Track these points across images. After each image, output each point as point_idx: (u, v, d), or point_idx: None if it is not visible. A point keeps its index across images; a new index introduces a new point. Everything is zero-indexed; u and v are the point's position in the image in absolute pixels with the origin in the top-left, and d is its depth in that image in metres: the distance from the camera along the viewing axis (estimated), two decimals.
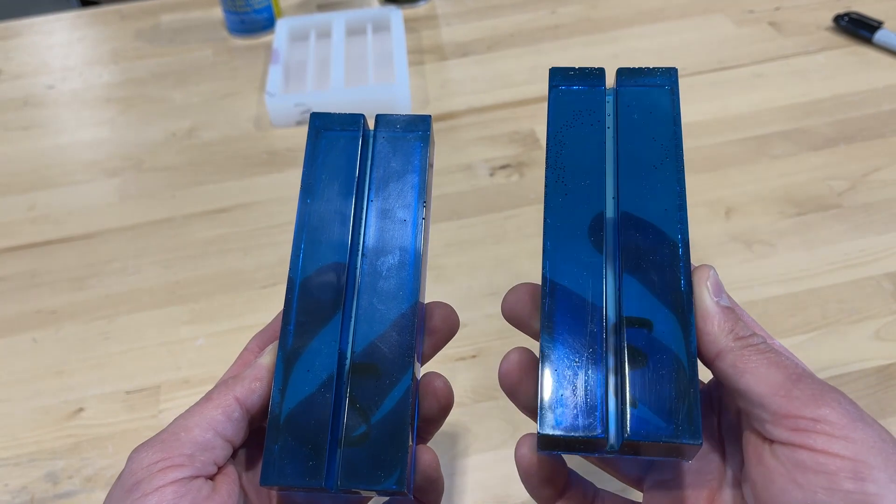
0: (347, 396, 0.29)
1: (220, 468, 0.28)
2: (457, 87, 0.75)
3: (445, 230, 0.60)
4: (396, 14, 0.81)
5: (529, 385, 0.30)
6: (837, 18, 0.77)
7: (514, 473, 0.31)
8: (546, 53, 0.79)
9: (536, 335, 0.29)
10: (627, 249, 0.29)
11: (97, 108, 0.77)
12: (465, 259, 0.57)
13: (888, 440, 0.24)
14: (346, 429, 0.28)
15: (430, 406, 0.31)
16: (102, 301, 0.57)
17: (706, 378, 0.31)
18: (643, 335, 0.27)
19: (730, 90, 0.71)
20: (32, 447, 0.48)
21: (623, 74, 0.33)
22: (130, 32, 0.89)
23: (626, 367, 0.27)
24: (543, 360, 0.27)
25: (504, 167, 0.65)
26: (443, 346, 0.33)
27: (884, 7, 0.79)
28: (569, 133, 0.31)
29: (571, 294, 0.28)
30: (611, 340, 0.28)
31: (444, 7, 0.88)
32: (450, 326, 0.32)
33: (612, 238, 0.30)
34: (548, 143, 0.31)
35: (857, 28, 0.75)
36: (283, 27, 0.81)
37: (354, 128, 0.33)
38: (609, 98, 0.32)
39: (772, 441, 0.25)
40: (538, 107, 0.72)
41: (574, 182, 0.30)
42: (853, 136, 0.65)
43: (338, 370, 0.29)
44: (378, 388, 0.29)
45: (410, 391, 0.29)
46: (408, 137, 0.33)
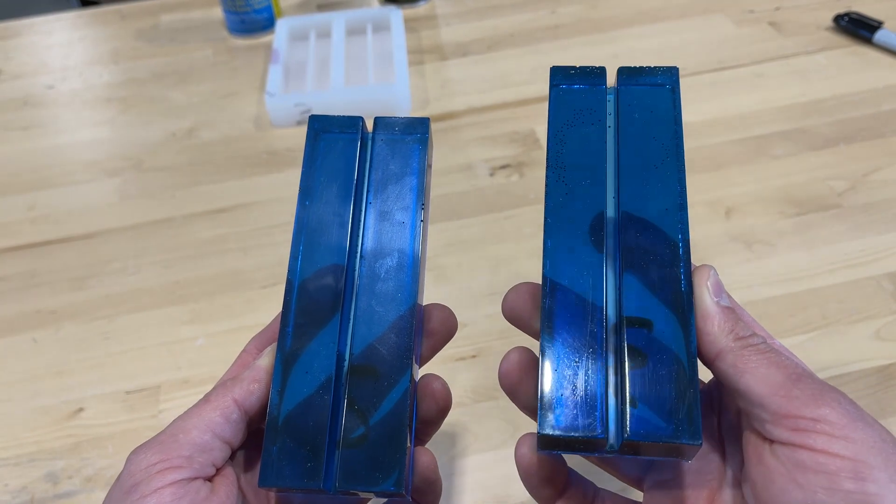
0: (346, 398, 0.29)
1: (219, 470, 0.28)
2: (457, 87, 0.75)
3: (445, 230, 0.60)
4: (396, 14, 0.81)
5: (530, 385, 0.30)
6: (837, 18, 0.77)
7: (514, 473, 0.31)
8: (546, 53, 0.79)
9: (537, 335, 0.29)
10: (628, 249, 0.29)
11: (97, 108, 0.77)
12: (465, 259, 0.57)
13: (888, 440, 0.24)
14: (345, 430, 0.28)
15: (429, 408, 0.31)
16: (102, 301, 0.57)
17: (706, 378, 0.31)
18: (643, 335, 0.27)
19: (730, 90, 0.71)
20: (32, 447, 0.48)
21: (624, 73, 0.32)
22: (130, 32, 0.89)
23: (626, 367, 0.27)
24: (543, 360, 0.27)
25: (504, 167, 0.65)
26: (441, 348, 0.33)
27: (884, 7, 0.79)
28: (569, 132, 0.31)
29: (572, 294, 0.28)
30: (611, 340, 0.28)
31: (444, 7, 0.88)
32: (448, 328, 0.32)
33: (613, 238, 0.30)
34: (548, 143, 0.31)
35: (857, 28, 0.75)
36: (283, 27, 0.81)
37: (353, 130, 0.33)
38: (610, 97, 0.32)
39: (772, 441, 0.25)
40: (538, 107, 0.72)
41: (575, 181, 0.30)
42: (853, 136, 0.65)
43: (336, 372, 0.29)
44: (376, 390, 0.29)
45: (408, 393, 0.29)
46: (406, 140, 0.33)
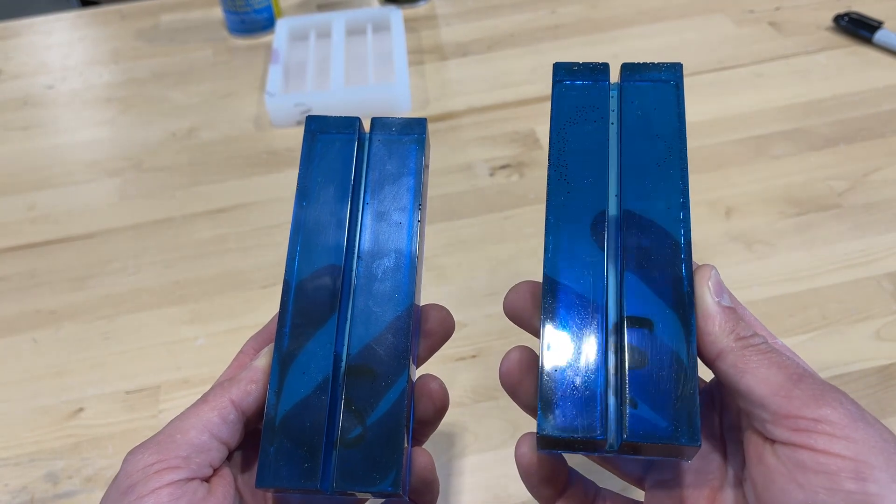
0: (343, 398, 0.29)
1: (216, 470, 0.28)
2: (457, 87, 0.75)
3: (445, 230, 0.60)
4: (396, 14, 0.81)
5: (530, 384, 0.30)
6: (837, 18, 0.77)
7: (514, 473, 0.31)
8: (546, 53, 0.79)
9: (538, 333, 0.28)
10: (629, 248, 0.29)
11: (97, 108, 0.77)
12: (465, 259, 0.57)
13: (890, 440, 0.24)
14: (342, 431, 0.28)
15: (426, 408, 0.31)
16: (102, 301, 0.57)
17: (707, 377, 0.31)
18: (644, 335, 0.27)
19: (730, 90, 0.71)
20: (32, 447, 0.48)
21: (627, 69, 0.32)
22: (130, 32, 0.89)
23: (627, 367, 0.27)
24: (543, 359, 0.27)
25: (504, 167, 0.65)
26: (438, 349, 0.33)
27: (884, 7, 0.79)
28: (572, 130, 0.31)
29: (572, 292, 0.28)
30: (611, 339, 0.28)
31: (444, 7, 0.88)
32: (445, 329, 0.32)
33: (615, 236, 0.29)
34: (550, 140, 0.31)
35: (857, 28, 0.75)
36: (283, 27, 0.81)
37: (350, 131, 0.33)
38: (613, 93, 0.32)
39: (773, 441, 0.25)
40: (538, 107, 0.72)
41: (576, 180, 0.30)
42: (853, 136, 0.65)
43: (333, 372, 0.29)
44: (373, 391, 0.29)
45: (406, 393, 0.29)
46: (403, 140, 0.33)
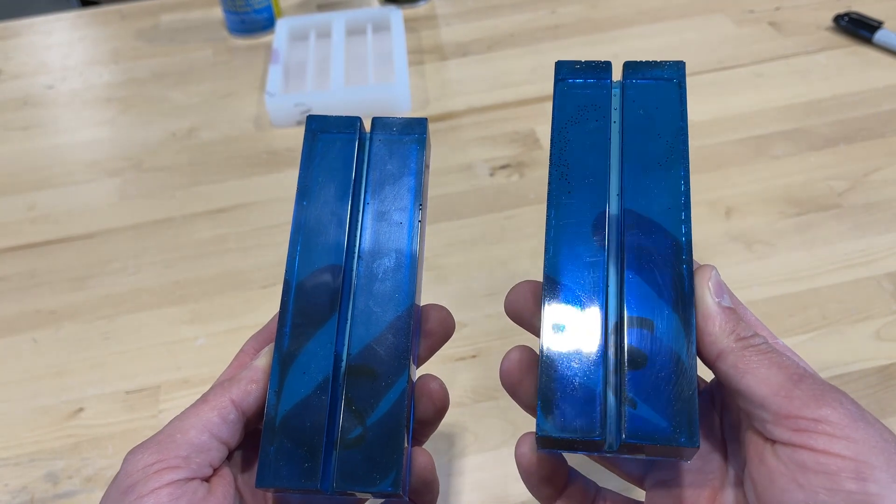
0: (343, 398, 0.29)
1: (216, 470, 0.28)
2: (457, 87, 0.75)
3: (445, 230, 0.60)
4: (396, 14, 0.81)
5: (531, 383, 0.30)
6: (837, 18, 0.77)
7: (514, 473, 0.31)
8: (546, 53, 0.79)
9: (538, 333, 0.28)
10: (630, 248, 0.29)
11: (97, 108, 0.77)
12: (465, 259, 0.57)
13: (890, 440, 0.24)
14: (342, 431, 0.28)
15: (426, 408, 0.31)
16: (102, 301, 0.57)
17: (708, 377, 0.31)
18: (644, 335, 0.27)
19: (730, 90, 0.71)
20: (32, 447, 0.48)
21: (630, 68, 0.32)
22: (130, 32, 0.89)
23: (626, 367, 0.27)
24: (543, 359, 0.27)
25: (504, 167, 0.65)
26: (438, 349, 0.33)
27: (884, 7, 0.79)
28: (573, 129, 0.31)
29: (573, 292, 0.28)
30: (611, 339, 0.28)
31: (444, 7, 0.88)
32: (446, 329, 0.32)
33: (615, 236, 0.29)
34: (552, 140, 0.31)
35: (857, 28, 0.75)
36: (283, 27, 0.81)
37: (351, 130, 0.33)
38: (616, 91, 0.32)
39: (773, 441, 0.25)
40: (538, 107, 0.72)
41: (577, 179, 0.30)
42: (853, 136, 0.65)
43: (333, 372, 0.29)
44: (374, 391, 0.29)
45: (406, 393, 0.29)
46: (404, 140, 0.33)
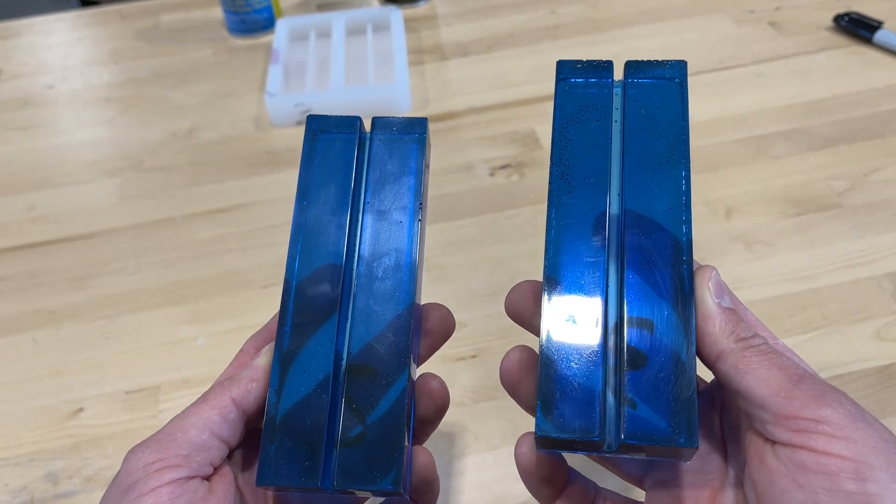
0: (343, 397, 0.29)
1: (216, 469, 0.28)
2: (457, 87, 0.75)
3: (445, 230, 0.60)
4: (396, 14, 0.81)
5: (531, 383, 0.30)
6: (837, 18, 0.77)
7: (514, 473, 0.31)
8: (546, 53, 0.79)
9: (538, 333, 0.28)
10: (631, 248, 0.29)
11: (97, 108, 0.77)
12: (465, 259, 0.57)
13: (890, 440, 0.24)
14: (343, 429, 0.28)
15: (427, 407, 0.31)
16: (102, 301, 0.57)
17: (708, 378, 0.31)
18: (644, 335, 0.27)
19: (730, 90, 0.71)
20: (32, 447, 0.48)
21: (631, 67, 0.32)
22: (130, 32, 0.89)
23: (626, 368, 0.27)
24: (542, 359, 0.27)
25: (504, 167, 0.65)
26: (439, 348, 0.33)
27: (884, 7, 0.79)
28: (574, 129, 0.31)
29: (573, 292, 0.28)
30: (611, 339, 0.28)
31: (444, 7, 0.88)
32: (446, 328, 0.32)
33: (616, 236, 0.29)
34: (553, 139, 0.31)
35: (857, 28, 0.75)
36: (283, 27, 0.81)
37: (351, 130, 0.33)
38: (617, 90, 0.32)
39: (773, 442, 0.25)
40: (538, 107, 0.72)
41: (578, 179, 0.30)
42: (853, 136, 0.65)
43: (334, 371, 0.29)
44: (374, 389, 0.29)
45: (406, 392, 0.29)
46: (404, 140, 0.33)
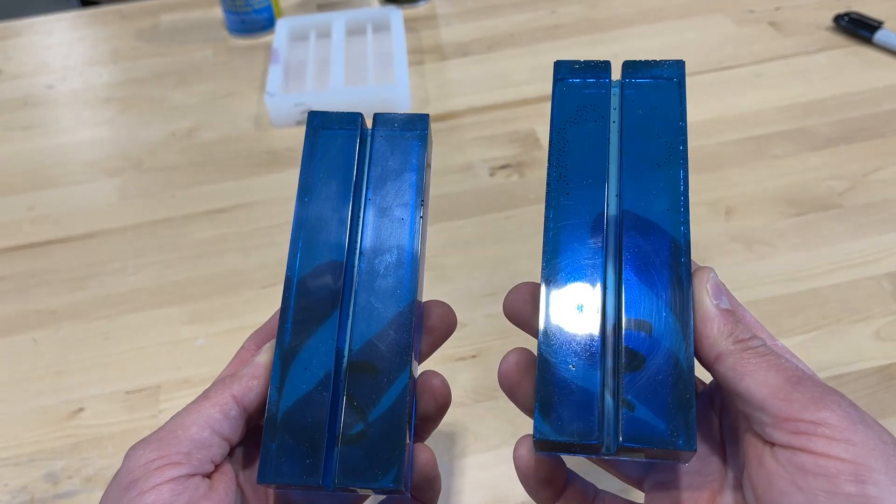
0: (345, 394, 0.29)
1: (217, 466, 0.28)
2: (457, 87, 0.75)
3: (445, 230, 0.60)
4: (396, 14, 0.81)
5: (529, 385, 0.30)
6: (837, 18, 0.77)
7: (514, 473, 0.31)
8: (546, 53, 0.79)
9: (537, 334, 0.28)
10: (629, 249, 0.29)
11: (97, 108, 0.77)
12: (465, 259, 0.57)
13: (889, 442, 0.24)
14: (344, 427, 0.28)
15: (428, 404, 0.31)
16: (102, 301, 0.57)
17: (707, 379, 0.31)
18: (642, 337, 0.27)
19: (730, 90, 0.71)
20: (32, 447, 0.48)
21: (629, 67, 0.32)
22: (130, 32, 0.89)
23: (624, 370, 0.27)
24: (540, 362, 0.27)
25: (504, 167, 0.65)
26: (440, 345, 0.33)
27: (884, 7, 0.79)
28: (572, 130, 0.31)
29: (571, 294, 0.28)
30: (609, 341, 0.28)
31: (444, 7, 0.88)
32: (448, 325, 0.32)
33: (614, 237, 0.29)
34: (550, 141, 0.31)
35: (857, 28, 0.75)
36: (283, 27, 0.81)
37: (352, 126, 0.33)
38: (615, 91, 0.32)
39: (772, 444, 0.25)
40: (538, 107, 0.72)
41: (576, 180, 0.30)
42: (853, 136, 0.65)
43: (335, 368, 0.29)
44: (375, 387, 0.29)
45: (408, 389, 0.29)
46: (406, 136, 0.33)
